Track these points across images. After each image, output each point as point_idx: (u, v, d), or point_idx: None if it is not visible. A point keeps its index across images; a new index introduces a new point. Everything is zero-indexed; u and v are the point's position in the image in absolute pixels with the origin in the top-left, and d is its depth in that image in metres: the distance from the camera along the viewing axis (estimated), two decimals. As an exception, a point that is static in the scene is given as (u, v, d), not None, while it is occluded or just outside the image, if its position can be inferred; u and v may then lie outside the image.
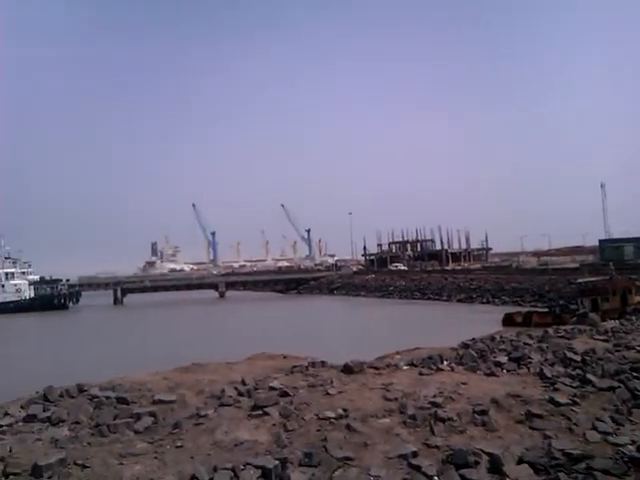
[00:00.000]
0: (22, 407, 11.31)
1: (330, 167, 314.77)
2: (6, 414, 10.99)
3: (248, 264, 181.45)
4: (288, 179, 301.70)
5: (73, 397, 11.76)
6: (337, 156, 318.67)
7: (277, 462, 8.43)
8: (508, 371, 14.04)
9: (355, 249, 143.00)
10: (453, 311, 58.32)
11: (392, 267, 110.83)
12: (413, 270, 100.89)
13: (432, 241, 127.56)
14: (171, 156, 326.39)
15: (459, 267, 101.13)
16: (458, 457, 8.63)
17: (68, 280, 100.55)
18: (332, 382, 12.60)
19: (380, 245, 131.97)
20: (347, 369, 13.72)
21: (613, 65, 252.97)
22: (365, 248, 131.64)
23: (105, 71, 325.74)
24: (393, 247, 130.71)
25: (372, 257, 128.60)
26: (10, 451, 9.14)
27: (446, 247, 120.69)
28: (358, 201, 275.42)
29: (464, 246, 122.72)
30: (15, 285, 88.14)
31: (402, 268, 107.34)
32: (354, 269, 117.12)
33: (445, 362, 14.89)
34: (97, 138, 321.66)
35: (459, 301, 67.75)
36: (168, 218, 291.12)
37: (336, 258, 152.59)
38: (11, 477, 8.23)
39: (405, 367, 14.49)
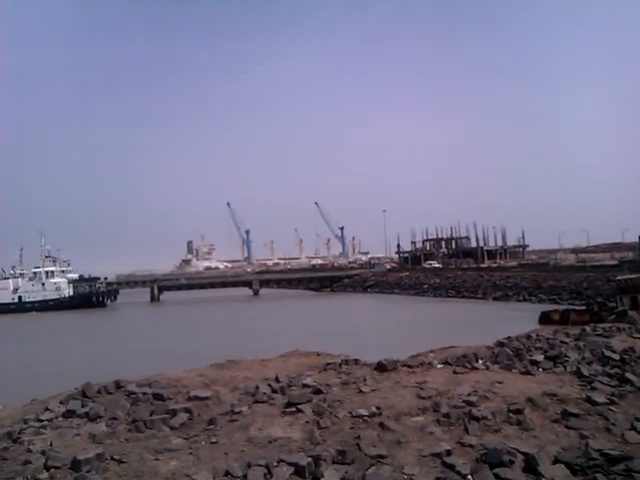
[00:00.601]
0: (61, 402, 11.56)
1: (364, 165, 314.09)
2: (46, 409, 11.23)
3: (282, 262, 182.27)
4: (322, 177, 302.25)
5: (110, 393, 11.96)
6: (371, 154, 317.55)
7: (310, 459, 8.44)
8: (544, 370, 13.82)
9: (389, 247, 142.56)
10: (489, 309, 57.67)
11: (426, 265, 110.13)
12: (448, 268, 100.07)
13: (467, 238, 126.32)
14: (208, 156, 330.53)
15: (495, 264, 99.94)
16: (492, 456, 8.53)
17: (106, 278, 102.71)
18: (365, 380, 12.57)
19: (414, 243, 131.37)
20: (381, 367, 13.67)
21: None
22: (399, 246, 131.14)
23: (139, 71, 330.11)
24: (427, 244, 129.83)
25: (406, 255, 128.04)
26: (50, 445, 9.36)
27: (481, 244, 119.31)
28: (392, 199, 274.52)
29: (500, 243, 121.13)
30: (55, 283, 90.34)
31: (436, 266, 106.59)
32: (388, 267, 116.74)
33: (480, 361, 14.71)
34: (136, 139, 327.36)
35: (495, 299, 67.01)
36: (204, 217, 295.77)
37: (370, 256, 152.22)
38: (52, 470, 8.43)
39: (439, 365, 14.38)
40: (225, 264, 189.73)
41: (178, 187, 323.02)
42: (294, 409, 10.67)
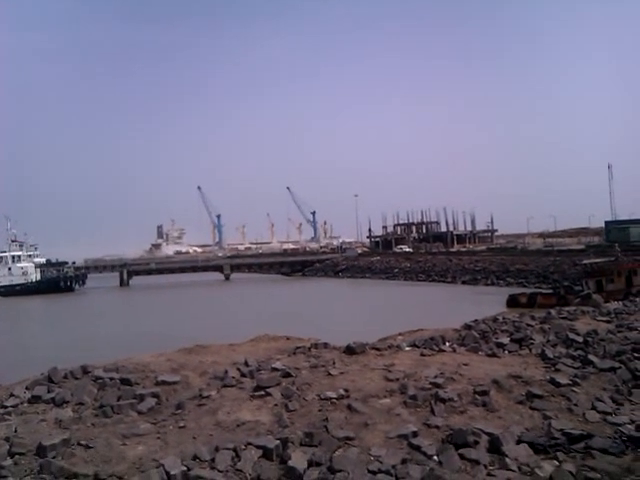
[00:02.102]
0: (27, 388, 11.41)
1: (336, 150, 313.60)
2: (11, 395, 11.08)
3: (253, 246, 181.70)
4: (294, 163, 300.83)
5: (77, 378, 11.84)
6: (342, 139, 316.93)
7: (278, 442, 8.50)
8: (510, 352, 14.09)
9: (360, 231, 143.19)
10: (457, 293, 58.46)
11: (397, 249, 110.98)
12: (418, 252, 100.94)
13: (437, 223, 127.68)
14: (177, 139, 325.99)
15: (464, 249, 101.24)
16: (458, 437, 8.69)
17: (74, 263, 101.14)
18: (334, 363, 12.67)
19: (385, 227, 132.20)
20: (349, 350, 13.79)
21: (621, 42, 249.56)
22: (370, 230, 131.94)
23: (112, 56, 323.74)
24: (398, 229, 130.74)
25: (377, 239, 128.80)
26: (15, 431, 9.24)
27: (451, 229, 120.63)
28: (363, 183, 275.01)
29: (469, 228, 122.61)
30: (22, 268, 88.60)
31: (407, 250, 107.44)
32: (359, 251, 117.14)
33: (447, 343, 14.94)
34: (103, 122, 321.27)
35: (464, 283, 67.81)
36: (174, 201, 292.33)
37: (341, 240, 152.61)
38: (16, 457, 8.33)
39: (407, 348, 14.55)
40: (196, 249, 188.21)
41: (148, 170, 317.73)
42: (263, 393, 10.71)
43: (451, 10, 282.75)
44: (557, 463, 8.06)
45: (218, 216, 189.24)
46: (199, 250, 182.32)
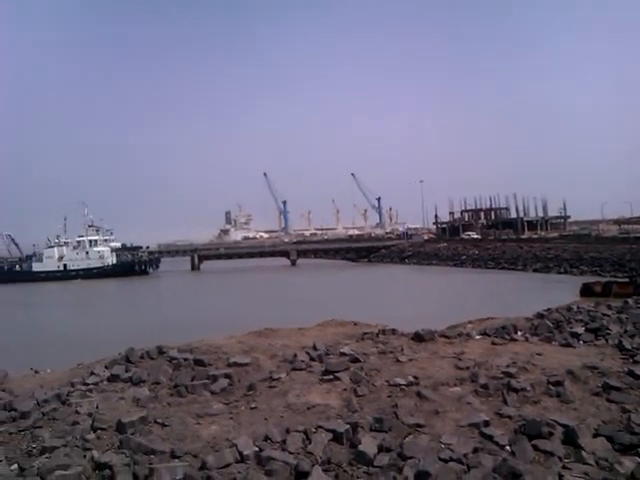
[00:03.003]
0: (106, 367, 11.93)
1: (401, 134, 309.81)
2: (92, 373, 11.61)
3: (319, 232, 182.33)
4: (359, 148, 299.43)
5: (153, 358, 12.28)
6: (409, 123, 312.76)
7: (348, 426, 8.55)
8: (585, 342, 13.62)
9: (427, 217, 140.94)
10: (528, 281, 56.84)
11: (464, 235, 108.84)
12: (486, 239, 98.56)
13: (507, 209, 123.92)
14: (244, 127, 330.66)
15: (535, 236, 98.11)
16: (531, 427, 8.48)
17: (148, 247, 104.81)
18: (403, 350, 12.60)
19: (452, 213, 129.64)
20: (418, 337, 13.68)
21: None
22: (437, 216, 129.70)
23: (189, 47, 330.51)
24: (465, 215, 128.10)
25: (444, 225, 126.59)
26: (97, 408, 9.70)
27: (522, 215, 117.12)
28: (431, 169, 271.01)
29: (541, 214, 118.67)
30: (98, 252, 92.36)
31: (475, 237, 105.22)
32: (425, 237, 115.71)
33: (519, 332, 14.59)
34: (176, 112, 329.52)
35: (535, 271, 65.86)
36: (241, 187, 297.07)
37: (406, 226, 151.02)
38: (98, 432, 8.76)
39: (477, 337, 14.30)
40: (262, 234, 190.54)
41: (217, 158, 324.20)
42: (332, 377, 10.78)
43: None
44: (639, 460, 7.73)
45: (284, 202, 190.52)
46: (266, 236, 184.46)
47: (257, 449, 7.99)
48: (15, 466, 7.90)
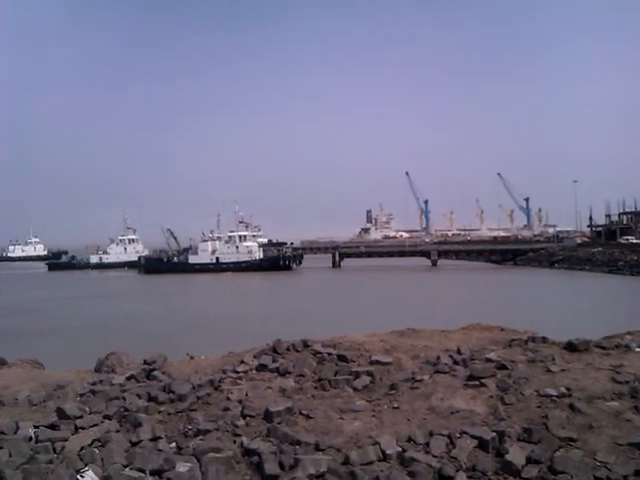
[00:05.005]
0: (255, 357, 12.43)
1: (551, 133, 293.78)
2: (242, 362, 12.14)
3: (461, 233, 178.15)
4: (506, 146, 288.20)
5: (298, 351, 12.60)
6: (559, 122, 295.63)
7: (494, 434, 8.24)
8: None
9: (579, 220, 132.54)
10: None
11: (622, 240, 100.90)
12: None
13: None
14: (385, 126, 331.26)
15: None
16: None
17: (292, 243, 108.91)
18: (554, 359, 11.89)
19: (609, 216, 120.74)
20: (571, 347, 12.83)
21: None
22: (591, 218, 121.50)
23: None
24: (624, 218, 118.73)
25: (599, 229, 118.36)
26: (246, 395, 10.16)
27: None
28: (584, 169, 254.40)
29: None
30: (247, 247, 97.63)
31: (635, 241, 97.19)
32: (578, 241, 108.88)
33: (689, 348, 13.21)
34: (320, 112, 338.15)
35: None
36: (382, 187, 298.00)
37: (557, 229, 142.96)
38: (247, 419, 9.17)
39: (638, 349, 13.15)
40: (402, 234, 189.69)
41: (358, 157, 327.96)
42: (477, 382, 10.43)
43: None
44: None
45: (425, 202, 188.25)
46: (406, 235, 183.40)
47: (400, 449, 7.94)
48: (174, 444, 8.51)
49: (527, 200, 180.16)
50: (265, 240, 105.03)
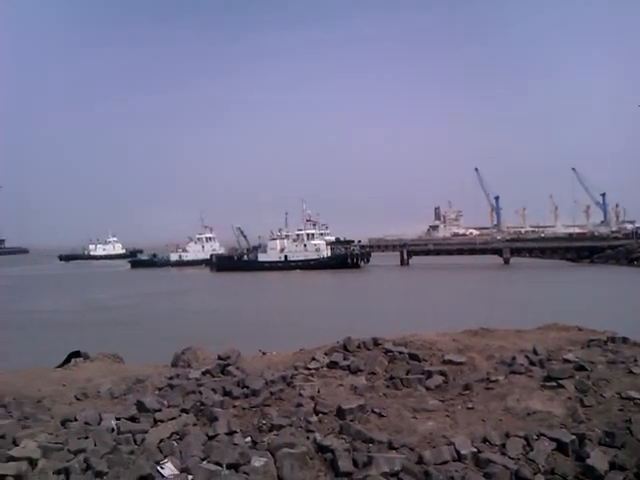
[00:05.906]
0: (326, 354, 12.49)
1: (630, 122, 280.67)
2: (313, 359, 12.23)
3: (535, 230, 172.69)
4: (580, 139, 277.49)
5: (369, 349, 12.58)
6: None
7: (574, 437, 7.98)
8: None
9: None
10: None
11: None
12: None
13: None
14: (453, 123, 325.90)
15: None
16: None
17: (359, 241, 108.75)
18: (636, 360, 11.38)
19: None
20: (655, 348, 12.27)
21: None
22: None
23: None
24: None
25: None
26: (318, 392, 10.23)
27: None
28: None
29: None
30: (315, 245, 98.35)
31: None
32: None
33: None
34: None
35: None
36: (451, 183, 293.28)
37: (637, 225, 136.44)
38: (320, 415, 9.24)
39: None
40: (472, 231, 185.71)
41: (427, 153, 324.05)
42: (554, 384, 10.13)
43: None
44: None
45: (496, 198, 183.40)
46: (476, 232, 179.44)
47: (475, 450, 7.81)
48: (249, 439, 8.68)
49: (604, 195, 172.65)
50: (332, 238, 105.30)
